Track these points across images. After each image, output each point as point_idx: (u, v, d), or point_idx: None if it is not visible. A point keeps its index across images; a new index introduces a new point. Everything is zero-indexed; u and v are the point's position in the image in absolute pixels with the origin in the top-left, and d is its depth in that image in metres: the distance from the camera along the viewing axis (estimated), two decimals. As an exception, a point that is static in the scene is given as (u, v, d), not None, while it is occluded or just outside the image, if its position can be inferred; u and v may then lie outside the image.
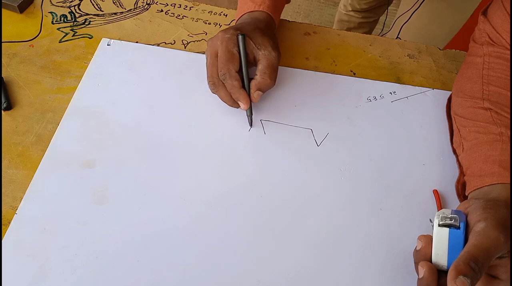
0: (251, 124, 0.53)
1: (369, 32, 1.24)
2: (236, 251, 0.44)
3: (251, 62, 0.53)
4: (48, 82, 0.55)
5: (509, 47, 0.50)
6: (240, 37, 0.51)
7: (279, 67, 0.55)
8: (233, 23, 0.63)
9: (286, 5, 0.64)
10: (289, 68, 0.59)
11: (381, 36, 0.68)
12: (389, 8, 1.19)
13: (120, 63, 0.57)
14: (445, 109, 0.56)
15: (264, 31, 0.54)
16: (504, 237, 0.37)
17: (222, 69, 0.50)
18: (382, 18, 1.22)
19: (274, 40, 0.54)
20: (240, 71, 0.51)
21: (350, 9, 1.16)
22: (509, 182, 0.43)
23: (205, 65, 0.53)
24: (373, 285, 0.44)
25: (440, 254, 0.39)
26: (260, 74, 0.51)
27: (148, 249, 0.44)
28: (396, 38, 0.66)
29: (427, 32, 0.90)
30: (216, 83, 0.51)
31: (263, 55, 0.52)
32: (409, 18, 0.91)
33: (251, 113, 0.53)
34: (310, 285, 0.43)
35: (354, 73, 0.60)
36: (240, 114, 0.54)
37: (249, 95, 0.51)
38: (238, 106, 0.52)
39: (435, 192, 0.49)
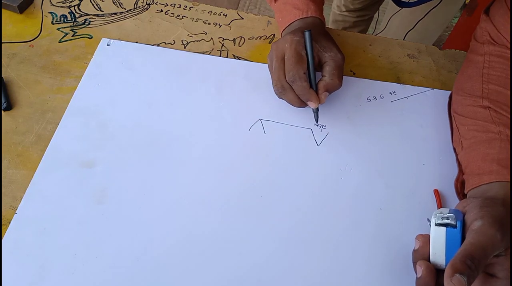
0: (317, 120, 0.53)
1: (365, 29, 1.24)
2: (236, 251, 0.45)
3: (315, 66, 0.52)
4: (48, 82, 0.55)
5: (510, 46, 0.50)
6: (306, 33, 0.50)
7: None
8: (233, 23, 0.63)
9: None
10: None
11: (376, 34, 0.67)
12: (380, 7, 1.19)
13: (119, 63, 0.57)
14: (445, 108, 0.56)
15: (326, 34, 0.55)
16: (500, 235, 0.37)
17: (291, 71, 0.49)
18: (375, 15, 1.21)
19: (335, 43, 0.54)
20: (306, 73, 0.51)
21: (344, 10, 1.16)
22: (507, 180, 0.43)
23: (268, 69, 0.53)
24: (372, 284, 0.44)
25: (437, 253, 0.39)
26: (328, 75, 0.51)
27: (148, 249, 0.44)
28: (384, 29, 0.65)
29: (420, 23, 0.90)
30: (284, 87, 0.51)
31: (330, 57, 0.51)
32: (401, 9, 0.91)
33: (318, 110, 0.53)
34: (310, 285, 0.43)
35: (354, 73, 0.60)
36: (240, 114, 0.54)
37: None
38: (305, 106, 0.52)
39: (436, 192, 0.49)
